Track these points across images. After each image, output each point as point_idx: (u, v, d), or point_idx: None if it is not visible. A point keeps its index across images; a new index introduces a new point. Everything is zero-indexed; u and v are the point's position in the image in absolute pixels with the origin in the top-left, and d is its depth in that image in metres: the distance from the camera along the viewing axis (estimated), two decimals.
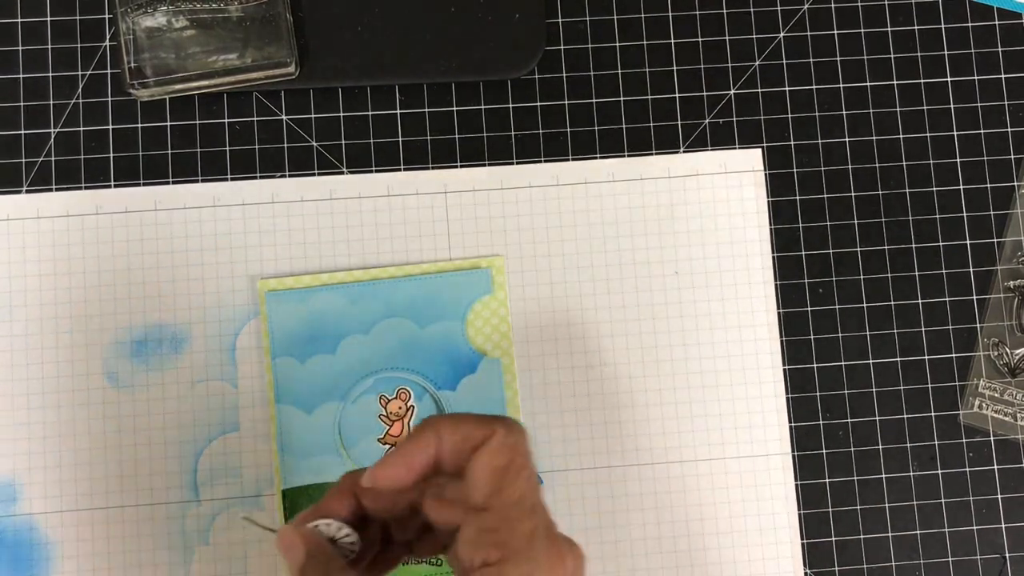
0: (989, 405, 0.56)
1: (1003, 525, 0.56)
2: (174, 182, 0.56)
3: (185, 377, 0.55)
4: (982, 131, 0.58)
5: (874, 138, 0.58)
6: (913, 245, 0.57)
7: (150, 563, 0.53)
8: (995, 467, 0.56)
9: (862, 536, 0.55)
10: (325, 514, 0.37)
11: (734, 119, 0.58)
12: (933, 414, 0.56)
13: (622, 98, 0.58)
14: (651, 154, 0.57)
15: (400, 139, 0.57)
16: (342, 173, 0.57)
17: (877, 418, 0.56)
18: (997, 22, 0.59)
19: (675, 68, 0.58)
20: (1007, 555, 0.55)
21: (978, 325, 0.57)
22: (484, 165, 0.57)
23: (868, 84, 0.58)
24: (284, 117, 0.57)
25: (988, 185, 0.58)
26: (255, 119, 0.57)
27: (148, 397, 0.54)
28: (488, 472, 0.33)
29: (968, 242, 0.57)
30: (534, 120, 0.57)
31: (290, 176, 0.56)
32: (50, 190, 0.56)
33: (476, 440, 0.34)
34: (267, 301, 0.55)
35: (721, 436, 0.55)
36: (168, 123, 0.56)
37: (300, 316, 0.55)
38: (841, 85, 0.58)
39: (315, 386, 0.54)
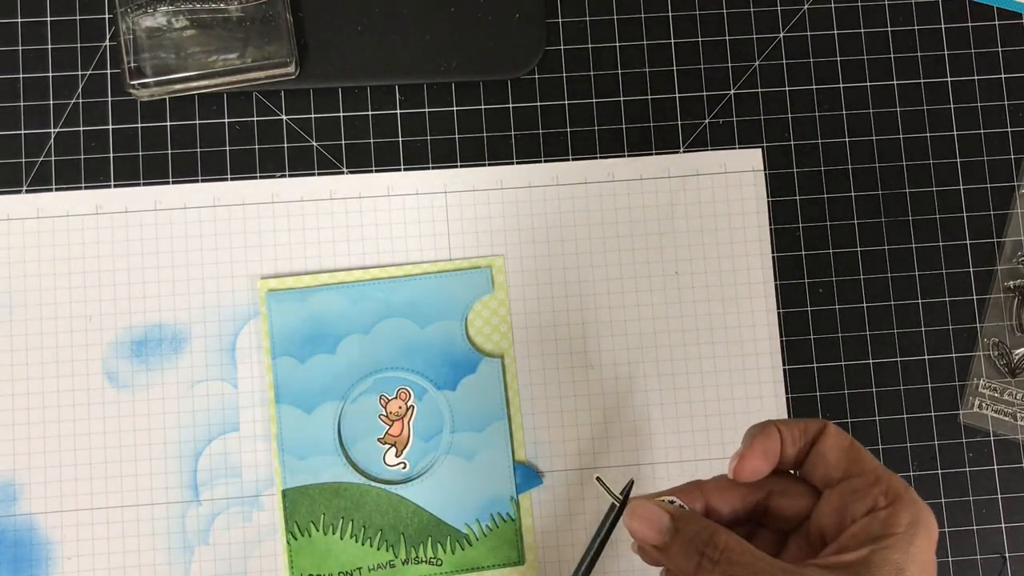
0: (989, 405, 0.56)
1: (1003, 525, 0.56)
2: (174, 182, 0.56)
3: (185, 377, 0.55)
4: (982, 131, 0.58)
5: (874, 138, 0.58)
6: (913, 245, 0.57)
7: (150, 563, 0.53)
8: (995, 467, 0.56)
9: None
10: (671, 496, 0.39)
11: (734, 119, 0.58)
12: (933, 414, 0.56)
13: (622, 98, 0.58)
14: (651, 154, 0.57)
15: (400, 139, 0.57)
16: (342, 173, 0.57)
17: (877, 418, 0.56)
18: (997, 22, 0.59)
19: (675, 68, 0.58)
20: (1007, 555, 0.55)
21: (978, 325, 0.57)
22: (484, 165, 0.57)
23: (868, 84, 0.58)
24: (284, 117, 0.57)
25: (988, 185, 0.58)
26: (255, 119, 0.57)
27: (148, 397, 0.54)
28: (839, 450, 0.38)
29: (968, 242, 0.57)
30: (534, 120, 0.57)
31: (290, 176, 0.56)
32: (50, 190, 0.56)
33: (813, 431, 0.39)
34: (267, 301, 0.55)
35: (721, 436, 0.55)
36: (168, 123, 0.56)
37: (300, 316, 0.54)
38: (841, 85, 0.58)
39: (315, 386, 0.54)
